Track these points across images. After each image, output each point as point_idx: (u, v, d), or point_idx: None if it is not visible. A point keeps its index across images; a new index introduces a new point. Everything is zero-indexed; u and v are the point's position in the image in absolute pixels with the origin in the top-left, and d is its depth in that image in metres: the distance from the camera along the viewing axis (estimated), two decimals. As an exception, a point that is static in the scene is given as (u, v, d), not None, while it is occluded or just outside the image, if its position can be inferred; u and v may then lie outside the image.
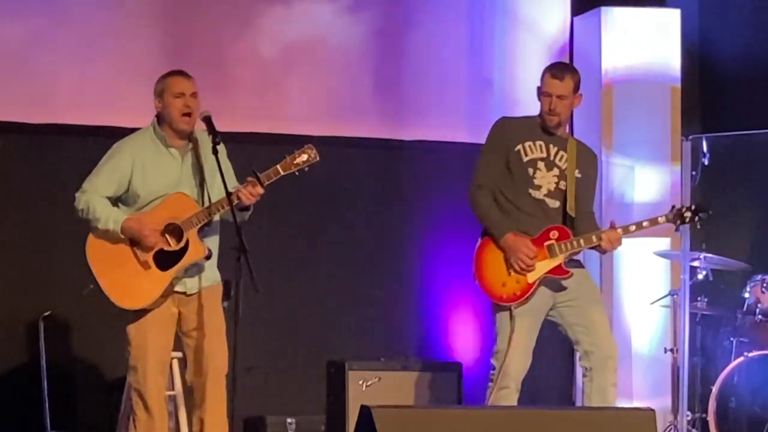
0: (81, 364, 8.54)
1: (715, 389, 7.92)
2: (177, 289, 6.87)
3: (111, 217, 6.78)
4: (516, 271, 6.80)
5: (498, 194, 6.93)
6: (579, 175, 6.96)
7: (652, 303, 8.74)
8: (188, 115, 6.81)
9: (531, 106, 7.11)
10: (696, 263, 8.20)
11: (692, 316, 8.18)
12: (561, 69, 6.98)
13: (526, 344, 6.87)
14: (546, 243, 6.82)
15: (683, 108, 9.15)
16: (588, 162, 7.08)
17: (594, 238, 6.82)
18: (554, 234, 6.84)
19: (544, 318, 6.93)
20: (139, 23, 8.75)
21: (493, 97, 8.17)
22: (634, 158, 9.05)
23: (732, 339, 8.21)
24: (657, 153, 9.06)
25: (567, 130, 7.17)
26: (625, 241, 8.79)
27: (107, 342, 8.35)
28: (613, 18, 9.14)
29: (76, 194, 6.84)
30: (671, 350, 8.48)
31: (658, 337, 8.88)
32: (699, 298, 8.29)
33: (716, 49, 9.51)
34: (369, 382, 8.08)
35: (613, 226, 6.88)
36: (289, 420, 8.40)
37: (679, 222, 6.91)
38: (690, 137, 8.16)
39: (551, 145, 6.94)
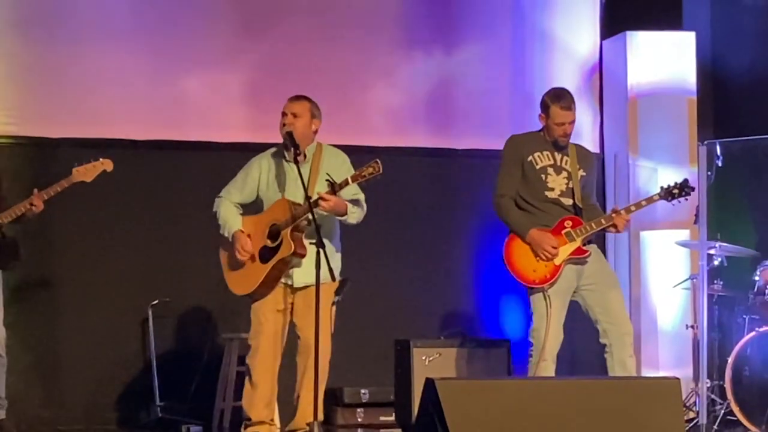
0: (184, 344, 8.58)
1: (730, 360, 7.84)
2: (284, 281, 6.93)
3: (227, 226, 6.94)
4: (543, 260, 6.87)
5: (518, 198, 7.00)
6: (584, 174, 7.04)
7: (674, 286, 8.71)
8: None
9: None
10: (712, 251, 8.10)
11: (710, 296, 8.02)
12: (567, 100, 6.96)
13: (558, 322, 6.89)
14: (563, 231, 6.89)
15: (699, 117, 9.13)
16: (588, 160, 7.15)
17: (603, 221, 6.90)
18: (569, 223, 6.91)
19: (570, 299, 6.97)
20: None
21: (533, 110, 8.14)
22: (657, 161, 9.01)
23: (745, 316, 8.13)
24: (676, 156, 9.00)
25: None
26: (650, 233, 8.88)
27: (205, 326, 8.63)
28: (637, 41, 9.13)
29: (215, 198, 7.03)
30: (692, 327, 8.45)
31: (681, 316, 8.85)
32: (715, 281, 8.23)
33: (727, 66, 9.47)
34: (431, 358, 8.05)
35: (616, 211, 6.93)
36: (363, 391, 8.46)
37: (669, 198, 7.01)
38: (705, 143, 8.06)
39: (556, 153, 6.99)
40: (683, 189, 7.01)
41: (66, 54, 8.46)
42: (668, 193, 7.02)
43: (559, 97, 6.98)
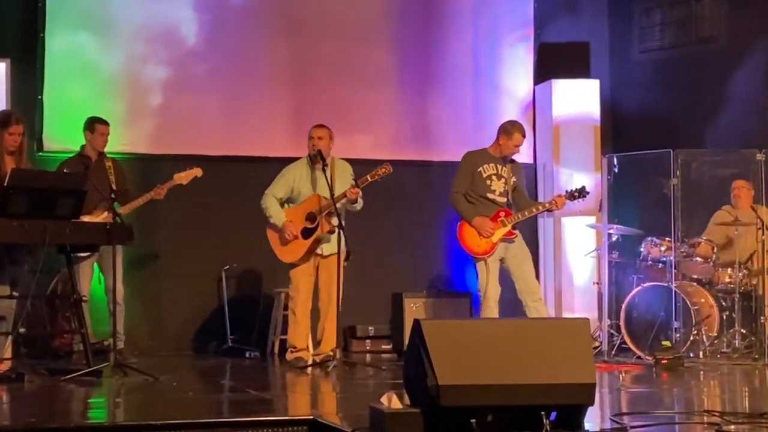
0: (246, 296, 8.52)
1: (624, 306, 7.77)
2: (317, 252, 7.05)
3: (276, 218, 7.07)
4: (484, 237, 7.00)
5: (468, 195, 7.13)
6: (515, 180, 7.19)
7: (585, 255, 8.70)
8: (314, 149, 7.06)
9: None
10: (611, 231, 8.07)
11: (609, 262, 8.03)
12: (524, 129, 7.17)
13: (496, 278, 7.06)
14: (499, 219, 7.05)
15: (601, 138, 9.08)
16: (519, 171, 7.29)
17: (527, 212, 7.06)
18: (503, 214, 7.08)
19: (501, 266, 7.11)
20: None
21: (485, 134, 8.07)
22: (573, 169, 8.94)
23: (634, 276, 8.11)
24: (586, 165, 8.94)
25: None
26: (569, 218, 8.89)
27: (261, 283, 8.55)
28: (559, 86, 9.07)
29: (263, 195, 7.11)
30: (597, 283, 8.46)
31: (589, 276, 8.78)
32: (613, 252, 8.15)
33: (621, 103, 9.49)
34: (417, 305, 8.13)
35: (559, 196, 7.12)
36: (370, 327, 8.44)
37: (571, 198, 7.12)
38: (606, 156, 8.10)
39: (498, 165, 7.15)
40: (581, 193, 7.16)
41: (164, 96, 8.45)
42: (571, 195, 7.16)
43: (520, 127, 7.18)
